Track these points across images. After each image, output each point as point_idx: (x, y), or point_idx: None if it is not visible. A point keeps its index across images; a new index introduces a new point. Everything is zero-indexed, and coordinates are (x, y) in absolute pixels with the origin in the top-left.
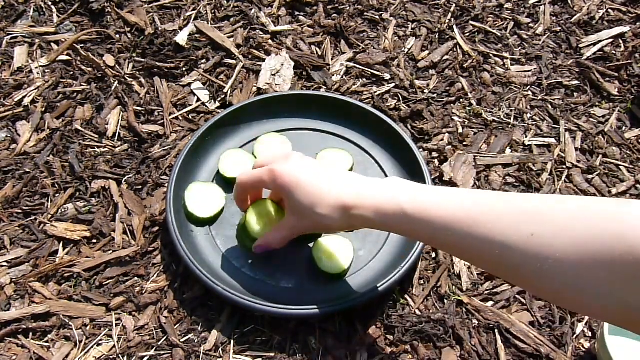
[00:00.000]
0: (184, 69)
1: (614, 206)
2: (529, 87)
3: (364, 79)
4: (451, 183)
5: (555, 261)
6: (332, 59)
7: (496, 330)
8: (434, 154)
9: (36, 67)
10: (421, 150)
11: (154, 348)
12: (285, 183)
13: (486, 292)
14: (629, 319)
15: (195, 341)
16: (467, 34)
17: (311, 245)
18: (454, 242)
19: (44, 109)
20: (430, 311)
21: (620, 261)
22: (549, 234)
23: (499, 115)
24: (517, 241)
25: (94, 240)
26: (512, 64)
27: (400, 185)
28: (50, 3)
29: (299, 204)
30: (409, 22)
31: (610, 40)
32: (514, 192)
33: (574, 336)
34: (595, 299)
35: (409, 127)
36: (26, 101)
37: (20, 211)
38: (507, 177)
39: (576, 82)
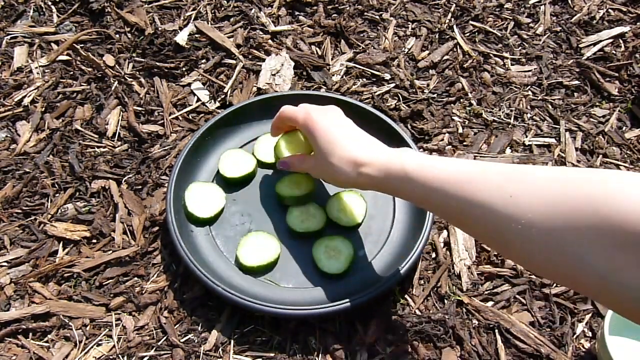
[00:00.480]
0: (184, 69)
1: (589, 173)
2: (529, 87)
3: (364, 79)
4: None
5: (527, 221)
6: (332, 59)
7: (496, 330)
8: (434, 154)
9: (36, 67)
10: (421, 150)
11: (154, 348)
12: (312, 127)
13: (486, 292)
14: (592, 285)
15: (195, 341)
16: (467, 34)
17: (311, 245)
18: (445, 203)
19: (43, 109)
20: (430, 311)
21: (588, 223)
22: (526, 196)
23: (499, 115)
24: (497, 202)
25: (94, 240)
26: (512, 64)
27: (409, 152)
28: (50, 3)
29: (318, 149)
30: (409, 22)
31: (611, 40)
32: (502, 163)
33: (574, 336)
34: (562, 261)
35: (409, 127)
36: (26, 101)
37: (20, 211)
38: None
39: (576, 82)
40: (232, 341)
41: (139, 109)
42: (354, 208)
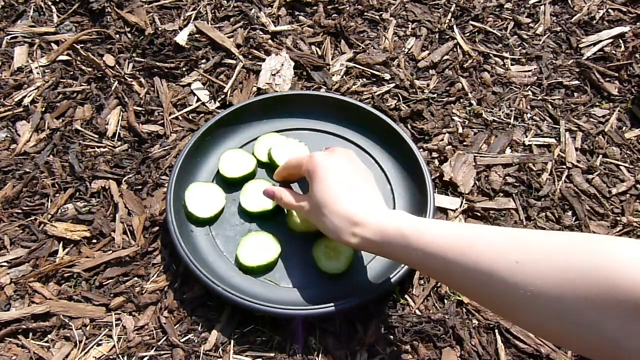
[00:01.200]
0: (184, 69)
1: (597, 240)
2: (529, 87)
3: (364, 79)
4: (451, 183)
5: (536, 289)
6: (332, 59)
7: (496, 330)
8: (434, 154)
9: (36, 67)
10: (421, 150)
11: (154, 348)
12: (312, 171)
13: None
14: (605, 352)
15: (195, 341)
16: (467, 34)
17: (311, 245)
18: (445, 268)
19: (44, 109)
20: (430, 311)
21: (599, 293)
22: (533, 263)
23: (499, 115)
24: (502, 269)
25: (94, 240)
26: (512, 64)
27: (404, 215)
28: (50, 3)
29: (315, 195)
30: (409, 22)
31: (610, 40)
32: (503, 227)
33: None
34: (573, 330)
35: (409, 127)
36: (26, 101)
37: (20, 211)
38: (507, 177)
39: (576, 82)
40: (232, 341)
41: (139, 109)
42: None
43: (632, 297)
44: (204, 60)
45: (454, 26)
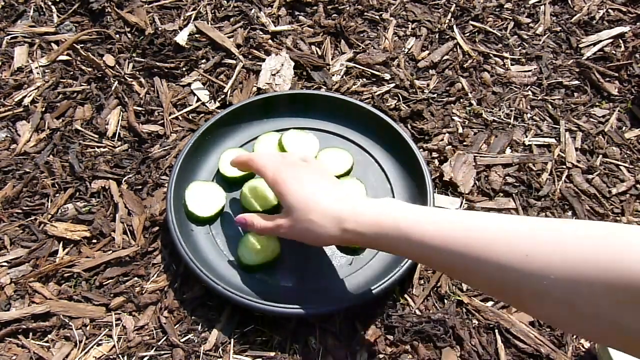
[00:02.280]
0: (184, 69)
1: (605, 229)
2: (529, 87)
3: (364, 79)
4: (451, 183)
5: (551, 281)
6: (332, 59)
7: (496, 330)
8: (434, 154)
9: (36, 67)
10: (421, 150)
11: (154, 348)
12: (285, 180)
13: None
14: (622, 341)
15: (195, 341)
16: (467, 34)
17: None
18: (449, 261)
19: (44, 109)
20: (430, 311)
21: (615, 287)
22: (544, 255)
23: (499, 115)
24: (512, 261)
25: (94, 240)
26: (512, 64)
27: (396, 203)
28: (50, 3)
29: (292, 208)
30: (409, 22)
31: (610, 40)
32: (508, 215)
33: (574, 336)
34: (589, 320)
35: (409, 127)
36: (26, 101)
37: (20, 211)
38: (507, 177)
39: (576, 82)
40: (232, 341)
41: (139, 109)
42: (356, 192)
43: None
44: (204, 60)
45: (454, 26)
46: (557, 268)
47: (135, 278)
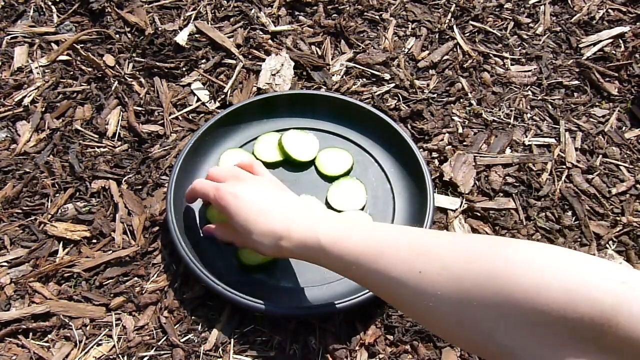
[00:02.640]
0: (184, 69)
1: (494, 246)
2: (529, 87)
3: (364, 79)
4: (451, 183)
5: (438, 298)
6: (332, 59)
7: None
8: (434, 154)
9: (36, 67)
10: (421, 150)
11: (154, 348)
12: (225, 206)
13: None
14: (497, 356)
15: (195, 341)
16: (467, 34)
17: None
18: (361, 275)
19: (44, 109)
20: None
21: (494, 301)
22: (434, 272)
23: (499, 115)
24: (409, 278)
25: (94, 240)
26: (512, 64)
27: (325, 219)
28: (50, 3)
29: (238, 226)
30: (409, 22)
31: (610, 40)
32: (418, 228)
33: None
34: (475, 336)
35: (409, 127)
36: (26, 101)
37: (20, 211)
38: (507, 177)
39: (576, 82)
40: (232, 341)
41: (139, 109)
42: (355, 193)
43: (522, 306)
44: (204, 60)
45: (454, 26)
46: (443, 285)
47: (135, 278)
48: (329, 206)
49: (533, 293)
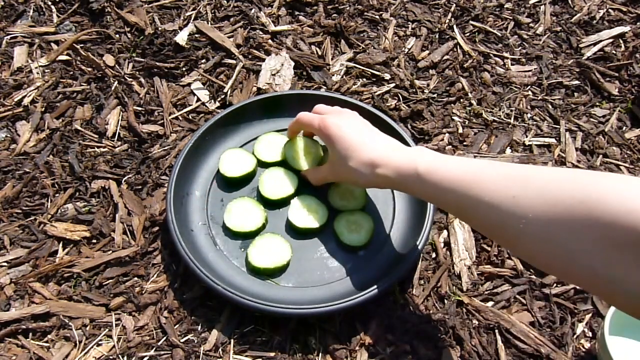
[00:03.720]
0: (184, 69)
1: (588, 175)
2: (529, 87)
3: (364, 79)
4: None
5: (529, 220)
6: (332, 59)
7: (496, 331)
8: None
9: (36, 67)
10: None
11: (154, 348)
12: (329, 134)
13: (486, 292)
14: (589, 281)
15: (195, 341)
16: (467, 34)
17: (313, 242)
18: (453, 201)
19: (43, 109)
20: (430, 311)
21: (583, 223)
22: (527, 197)
23: (499, 115)
24: (501, 202)
25: (94, 240)
26: (512, 64)
27: (422, 152)
28: (50, 3)
29: (337, 154)
30: (409, 22)
31: (611, 40)
32: (512, 163)
33: (574, 336)
34: (562, 259)
35: (409, 127)
36: (26, 101)
37: (20, 211)
38: None
39: (576, 82)
40: (232, 341)
41: (139, 109)
42: (355, 192)
43: (612, 228)
44: (204, 60)
45: (454, 26)
46: (535, 209)
47: (135, 278)
48: (328, 205)
49: (622, 216)
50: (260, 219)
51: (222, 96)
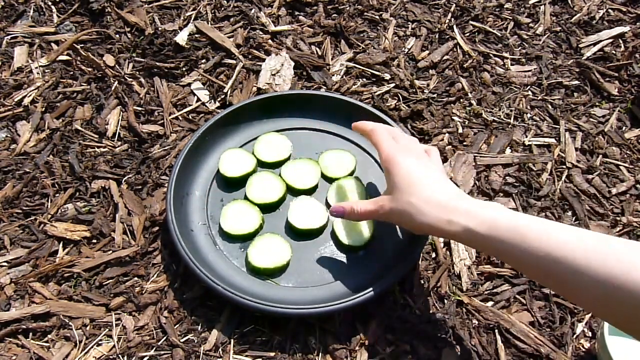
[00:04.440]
0: (184, 69)
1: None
2: (529, 87)
3: (364, 79)
4: None
5: (590, 279)
6: (332, 59)
7: (496, 331)
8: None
9: (36, 67)
10: None
11: (154, 348)
12: (392, 164)
13: (486, 292)
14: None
15: (195, 341)
16: (467, 34)
17: (313, 244)
18: (561, 274)
19: (44, 109)
20: (430, 311)
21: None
22: (592, 262)
23: (499, 115)
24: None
25: (94, 240)
26: (512, 64)
27: (498, 206)
28: (50, 3)
29: (397, 186)
30: (409, 22)
31: (610, 40)
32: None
33: (574, 336)
34: (620, 314)
35: (409, 127)
36: (26, 101)
37: (20, 211)
38: (507, 177)
39: (576, 82)
40: (232, 341)
41: (139, 109)
42: (355, 192)
43: None
44: (204, 60)
45: (454, 26)
46: (598, 273)
47: (135, 278)
48: (328, 206)
49: None
50: (257, 221)
51: (222, 96)
